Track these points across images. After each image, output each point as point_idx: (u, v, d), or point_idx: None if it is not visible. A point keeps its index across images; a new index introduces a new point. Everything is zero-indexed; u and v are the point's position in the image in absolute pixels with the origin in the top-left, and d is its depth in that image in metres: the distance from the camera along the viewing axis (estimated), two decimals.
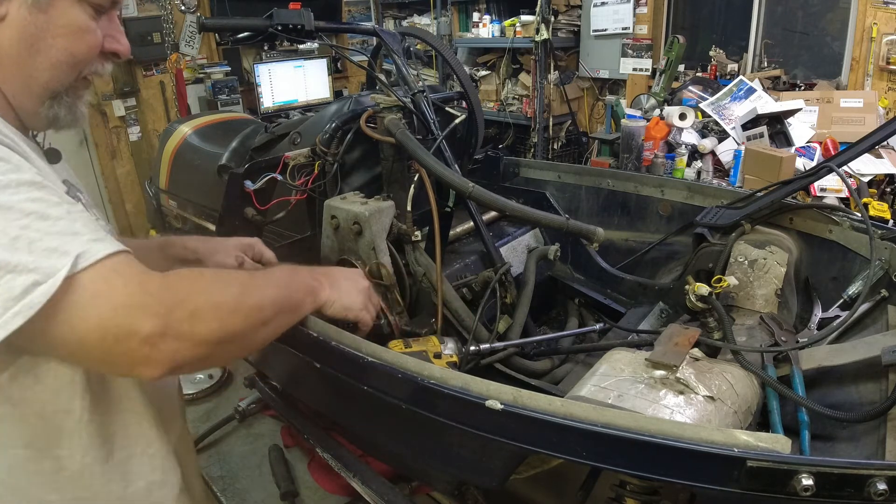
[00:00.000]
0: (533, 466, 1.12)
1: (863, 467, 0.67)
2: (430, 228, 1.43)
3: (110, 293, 0.67)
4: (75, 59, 0.80)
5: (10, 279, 0.62)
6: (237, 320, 0.81)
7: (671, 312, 1.65)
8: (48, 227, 0.65)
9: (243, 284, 0.86)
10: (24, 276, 0.62)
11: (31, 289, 0.62)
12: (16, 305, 0.62)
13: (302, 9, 1.50)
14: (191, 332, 0.73)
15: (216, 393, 1.97)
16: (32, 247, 0.63)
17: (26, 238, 0.63)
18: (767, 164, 2.75)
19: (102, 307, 0.67)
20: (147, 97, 4.66)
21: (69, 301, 0.65)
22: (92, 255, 0.67)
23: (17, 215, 0.64)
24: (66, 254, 0.65)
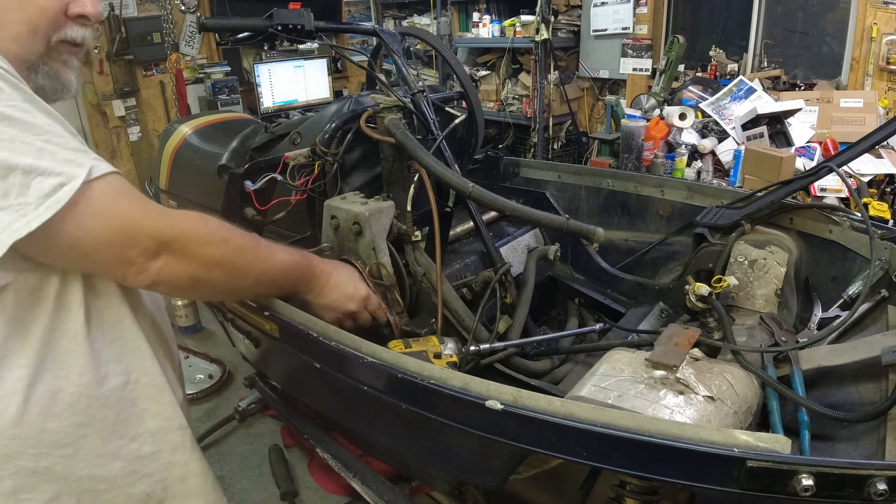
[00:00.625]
0: (533, 466, 1.12)
1: (863, 467, 0.67)
2: (430, 228, 1.43)
3: (120, 207, 0.79)
4: (34, 27, 0.83)
5: (41, 180, 0.71)
6: (217, 273, 0.92)
7: (671, 312, 1.65)
8: (64, 142, 0.75)
9: (240, 247, 0.96)
10: (51, 178, 0.72)
11: (58, 188, 0.72)
12: (47, 200, 0.71)
13: (302, 9, 1.50)
14: (178, 262, 0.85)
15: (216, 393, 1.96)
16: (55, 156, 0.73)
17: (49, 150, 0.73)
18: (767, 164, 2.75)
19: (115, 216, 0.78)
20: (147, 97, 4.66)
21: (87, 205, 0.75)
22: (100, 168, 0.77)
23: (39, 131, 0.73)
24: (81, 165, 0.75)
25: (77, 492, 0.88)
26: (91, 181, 0.75)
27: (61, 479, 0.86)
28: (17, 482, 0.82)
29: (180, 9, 4.73)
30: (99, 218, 0.77)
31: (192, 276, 0.88)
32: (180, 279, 0.87)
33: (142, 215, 0.81)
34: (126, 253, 0.80)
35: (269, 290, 1.14)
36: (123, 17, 4.34)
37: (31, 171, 0.71)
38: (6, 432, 0.80)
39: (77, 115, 4.45)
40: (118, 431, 0.90)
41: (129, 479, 0.92)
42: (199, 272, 0.89)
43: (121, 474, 0.91)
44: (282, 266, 1.08)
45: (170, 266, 0.84)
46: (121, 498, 0.92)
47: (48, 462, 0.84)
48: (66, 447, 0.85)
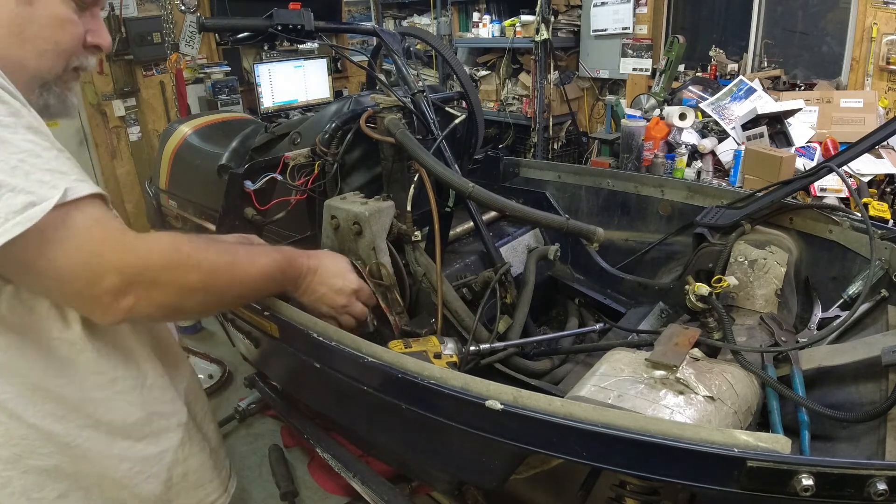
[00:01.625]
0: (533, 466, 1.12)
1: (863, 467, 0.67)
2: (430, 228, 1.43)
3: (88, 239, 0.75)
4: (60, 49, 0.85)
5: (11, 196, 0.69)
6: (193, 299, 0.88)
7: (671, 312, 1.65)
8: (41, 163, 0.73)
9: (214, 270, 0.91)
10: (22, 195, 0.69)
11: (29, 206, 0.69)
12: (16, 217, 0.68)
13: (302, 9, 1.50)
14: (148, 295, 0.81)
15: (216, 393, 1.96)
16: (28, 176, 0.71)
17: (23, 169, 0.71)
18: (767, 164, 2.75)
19: (82, 250, 0.74)
20: (147, 97, 4.66)
21: (54, 233, 0.72)
22: (77, 191, 0.74)
23: (14, 150, 0.71)
24: (55, 187, 0.72)
25: (84, 487, 0.90)
26: (65, 205, 0.72)
27: (69, 477, 0.88)
28: (28, 480, 0.84)
29: (180, 9, 4.72)
30: (63, 250, 0.73)
31: (168, 305, 0.84)
32: (154, 311, 0.83)
33: (110, 248, 0.77)
34: (91, 291, 0.76)
35: (255, 297, 1.13)
36: (123, 17, 4.34)
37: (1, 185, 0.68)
38: (16, 433, 0.82)
39: (77, 115, 4.45)
40: (125, 433, 0.92)
41: (137, 479, 0.94)
42: (174, 301, 0.85)
43: (128, 475, 0.93)
44: (262, 272, 1.03)
45: (140, 301, 0.80)
46: (128, 497, 0.94)
47: (57, 461, 0.86)
48: (75, 448, 0.87)
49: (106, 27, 0.94)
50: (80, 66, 0.91)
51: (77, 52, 0.89)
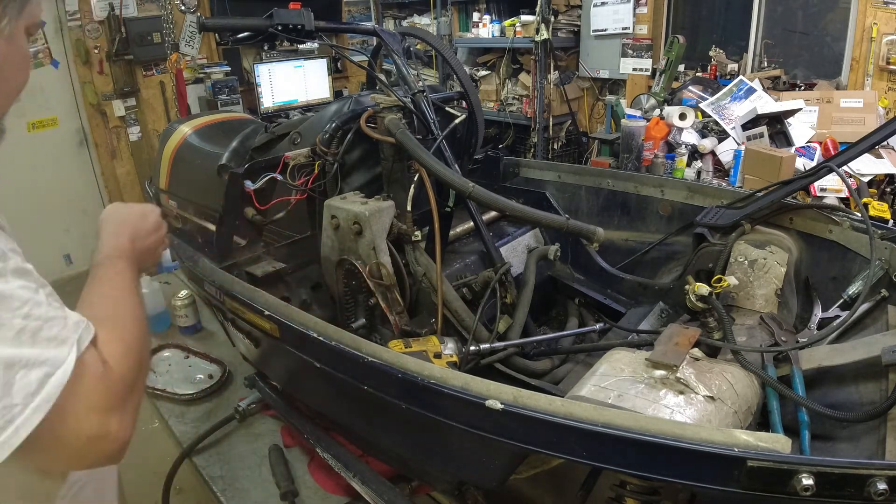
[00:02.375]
0: (533, 466, 1.12)
1: (863, 467, 0.67)
2: (430, 228, 1.43)
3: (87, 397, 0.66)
4: (20, 87, 0.80)
5: (24, 374, 0.61)
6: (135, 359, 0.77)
7: (671, 312, 1.65)
8: (43, 313, 0.65)
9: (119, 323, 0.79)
10: (35, 369, 0.61)
11: (45, 380, 0.62)
12: (35, 399, 0.61)
13: (302, 9, 1.50)
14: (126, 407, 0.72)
15: (216, 393, 1.96)
16: (36, 338, 0.63)
17: (29, 329, 0.63)
18: (767, 164, 2.75)
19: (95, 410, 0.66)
20: (147, 97, 4.66)
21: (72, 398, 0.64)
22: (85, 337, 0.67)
23: (17, 303, 0.63)
24: (65, 341, 0.65)
25: None
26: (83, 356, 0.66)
27: None
28: None
29: (180, 9, 4.73)
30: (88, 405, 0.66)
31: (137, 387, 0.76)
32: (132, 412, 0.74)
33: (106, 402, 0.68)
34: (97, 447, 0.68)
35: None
36: (123, 17, 4.34)
37: (12, 363, 0.60)
38: None
39: (77, 115, 4.46)
40: None
41: None
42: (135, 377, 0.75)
43: None
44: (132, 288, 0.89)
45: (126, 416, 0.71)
46: None
47: None
48: None
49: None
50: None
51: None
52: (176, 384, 1.97)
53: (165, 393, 1.93)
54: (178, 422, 1.83)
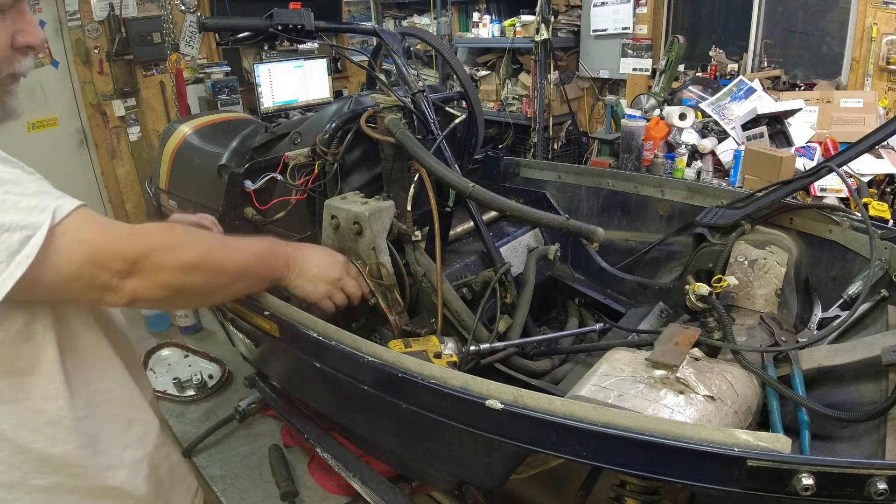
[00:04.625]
0: (533, 466, 1.12)
1: (863, 467, 0.67)
2: (430, 228, 1.43)
3: (88, 238, 0.81)
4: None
5: (7, 236, 0.74)
6: (194, 277, 0.94)
7: (671, 312, 1.65)
8: (24, 189, 0.77)
9: (210, 247, 0.98)
10: (17, 232, 0.74)
11: (25, 241, 0.74)
12: (17, 257, 0.74)
13: (302, 9, 1.50)
14: (151, 278, 0.86)
15: (216, 393, 1.96)
16: (17, 207, 0.75)
17: (10, 201, 0.75)
18: (767, 164, 2.75)
19: (82, 250, 0.80)
20: (147, 97, 4.66)
21: (55, 248, 0.77)
22: (64, 208, 0.79)
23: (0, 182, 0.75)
24: (44, 210, 0.77)
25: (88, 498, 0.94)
26: (56, 226, 0.77)
27: (72, 491, 0.92)
28: (34, 498, 0.88)
29: (180, 9, 4.73)
30: (67, 255, 0.78)
31: (170, 285, 0.90)
32: (159, 292, 0.88)
33: (108, 240, 0.83)
34: (98, 278, 0.82)
35: (252, 283, 1.14)
36: (123, 17, 4.34)
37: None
38: (16, 458, 0.86)
39: (77, 115, 4.46)
40: (114, 442, 0.97)
41: (135, 483, 0.99)
42: (175, 280, 0.90)
43: (126, 480, 0.97)
44: (256, 254, 1.10)
45: (144, 281, 0.86)
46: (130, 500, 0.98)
47: (58, 479, 0.90)
48: (75, 467, 0.91)
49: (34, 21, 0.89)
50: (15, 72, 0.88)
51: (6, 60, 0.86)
52: (176, 385, 1.97)
53: (166, 394, 1.93)
54: (178, 422, 1.83)
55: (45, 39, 0.96)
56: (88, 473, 0.92)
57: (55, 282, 0.79)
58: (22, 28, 0.86)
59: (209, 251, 0.97)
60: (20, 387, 0.85)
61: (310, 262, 1.21)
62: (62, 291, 0.82)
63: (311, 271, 1.20)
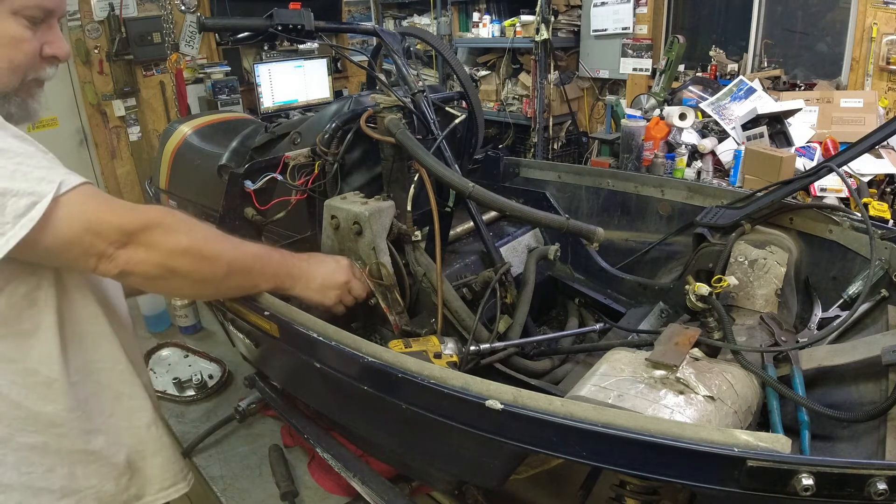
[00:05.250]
0: (533, 466, 1.12)
1: (863, 467, 0.67)
2: (430, 228, 1.43)
3: (88, 209, 0.88)
4: (14, 65, 0.93)
5: (15, 200, 0.81)
6: (186, 261, 0.98)
7: (671, 312, 1.65)
8: (36, 162, 0.85)
9: (206, 236, 1.02)
10: (24, 198, 0.82)
11: (31, 206, 0.82)
12: (22, 219, 0.81)
13: (302, 9, 1.50)
14: (145, 252, 0.92)
15: (216, 393, 1.96)
16: (27, 177, 0.83)
17: (22, 171, 0.83)
18: (767, 164, 2.75)
19: (82, 219, 0.87)
20: (147, 97, 4.67)
21: (57, 216, 0.85)
22: (70, 182, 0.87)
23: (11, 155, 0.83)
24: (51, 181, 0.84)
25: (69, 463, 1.01)
26: (61, 196, 0.84)
27: (55, 453, 1.00)
28: (19, 456, 0.96)
29: (180, 9, 4.73)
30: (68, 222, 0.86)
31: (160, 264, 0.94)
32: (148, 268, 0.94)
33: (108, 212, 0.90)
34: (95, 246, 0.88)
35: (246, 282, 1.15)
36: (123, 17, 4.34)
37: (5, 193, 0.81)
38: (8, 414, 0.93)
39: (77, 115, 4.46)
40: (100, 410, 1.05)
41: (112, 450, 1.07)
42: (166, 260, 0.95)
43: (105, 446, 1.06)
44: (254, 255, 1.13)
45: (137, 254, 0.91)
46: (106, 467, 1.06)
47: (44, 438, 0.97)
48: (59, 427, 0.99)
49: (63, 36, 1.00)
50: (39, 77, 0.98)
51: (33, 66, 0.96)
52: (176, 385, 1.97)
53: (166, 394, 1.93)
54: (178, 422, 1.83)
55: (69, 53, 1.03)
56: (71, 434, 1.00)
57: (54, 245, 0.86)
58: (51, 40, 0.97)
59: (204, 240, 1.01)
60: (20, 348, 0.93)
61: (315, 272, 1.23)
62: (60, 255, 0.89)
63: (317, 280, 1.22)
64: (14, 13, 0.90)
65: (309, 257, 1.28)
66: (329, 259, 1.31)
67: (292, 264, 1.21)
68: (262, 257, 1.15)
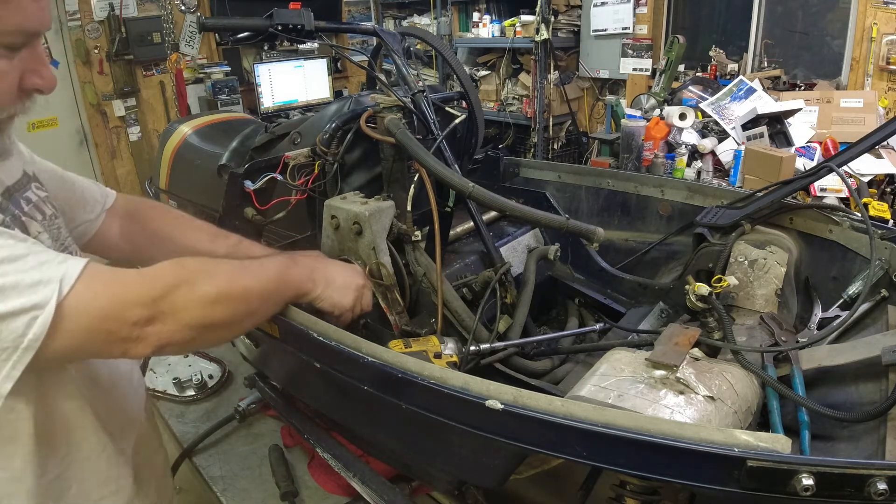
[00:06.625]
0: (533, 466, 1.12)
1: (863, 467, 0.67)
2: (430, 228, 1.43)
3: (98, 296, 0.75)
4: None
5: (11, 321, 0.68)
6: (219, 310, 0.88)
7: (671, 312, 1.65)
8: (23, 265, 0.70)
9: (230, 276, 0.93)
10: (21, 317, 0.69)
11: (31, 323, 0.69)
12: (24, 340, 0.69)
13: (302, 9, 1.50)
14: (174, 319, 0.81)
15: (216, 393, 1.96)
16: (19, 288, 0.69)
17: (10, 282, 0.69)
18: (767, 164, 2.75)
19: (93, 312, 0.75)
20: (147, 97, 4.67)
21: (64, 320, 0.72)
22: (71, 273, 0.73)
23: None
24: (49, 282, 0.71)
25: None
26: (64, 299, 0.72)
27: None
28: None
29: (180, 9, 4.73)
30: (79, 321, 0.73)
31: (196, 323, 0.85)
32: (185, 332, 0.84)
33: (120, 291, 0.78)
34: (118, 333, 0.77)
35: (276, 304, 1.09)
36: (123, 17, 4.34)
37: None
38: None
39: (77, 115, 4.46)
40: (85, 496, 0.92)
41: None
42: (200, 316, 0.86)
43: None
44: (277, 273, 1.06)
45: (167, 325, 0.81)
46: None
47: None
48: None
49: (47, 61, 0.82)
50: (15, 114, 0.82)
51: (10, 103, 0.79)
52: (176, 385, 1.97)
53: (166, 394, 1.93)
54: (178, 422, 1.84)
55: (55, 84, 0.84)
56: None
57: (69, 348, 0.75)
58: (34, 68, 0.79)
59: (228, 281, 0.91)
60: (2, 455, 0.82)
61: (334, 273, 1.18)
62: (79, 354, 0.80)
63: (337, 281, 1.17)
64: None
65: (326, 260, 1.24)
66: (343, 263, 1.28)
67: (312, 268, 1.15)
68: (282, 272, 1.08)
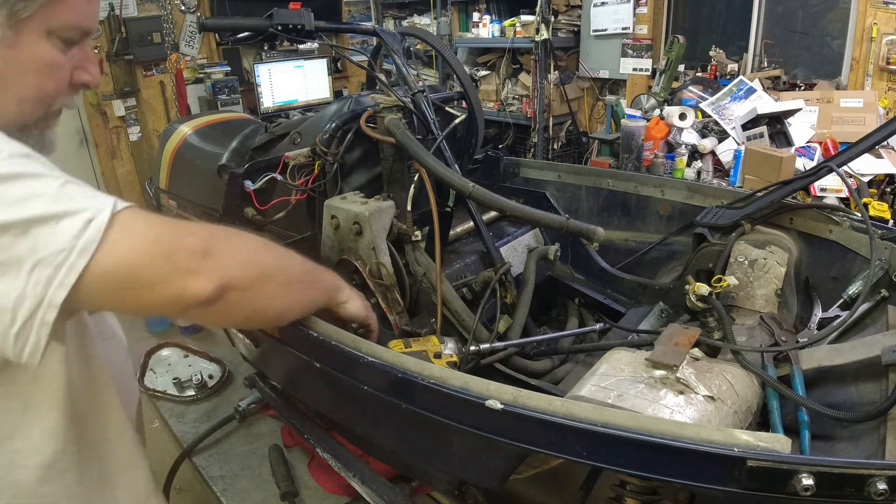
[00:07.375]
0: (533, 466, 1.12)
1: (863, 467, 0.67)
2: (430, 228, 1.43)
3: (148, 221, 0.73)
4: (42, 95, 0.80)
5: (67, 221, 0.66)
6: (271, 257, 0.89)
7: (671, 312, 1.65)
8: (79, 186, 0.71)
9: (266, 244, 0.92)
10: (77, 216, 0.67)
11: (87, 225, 0.67)
12: (79, 242, 0.66)
13: (302, 9, 1.50)
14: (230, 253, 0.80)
15: (216, 393, 1.96)
16: (75, 196, 0.69)
17: (68, 192, 0.69)
18: (767, 164, 2.75)
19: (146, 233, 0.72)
20: (147, 97, 4.67)
21: (118, 234, 0.69)
22: (121, 203, 0.72)
23: (52, 179, 0.69)
24: (104, 197, 0.70)
25: None
26: (118, 213, 0.70)
27: None
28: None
29: (180, 9, 4.73)
30: (134, 238, 0.70)
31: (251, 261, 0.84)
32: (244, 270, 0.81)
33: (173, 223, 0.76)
34: (175, 260, 0.72)
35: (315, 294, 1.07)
36: (123, 17, 4.34)
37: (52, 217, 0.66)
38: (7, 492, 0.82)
39: (77, 115, 4.46)
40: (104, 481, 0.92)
41: None
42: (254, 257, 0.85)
43: None
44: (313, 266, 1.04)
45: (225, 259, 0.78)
46: None
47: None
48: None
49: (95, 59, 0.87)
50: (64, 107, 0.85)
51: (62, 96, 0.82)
52: (176, 385, 1.97)
53: (166, 394, 1.93)
54: (178, 422, 1.83)
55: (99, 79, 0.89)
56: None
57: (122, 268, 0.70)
58: (83, 65, 0.83)
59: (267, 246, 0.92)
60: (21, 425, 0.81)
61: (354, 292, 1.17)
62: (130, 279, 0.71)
63: (355, 290, 1.17)
64: (48, 34, 0.76)
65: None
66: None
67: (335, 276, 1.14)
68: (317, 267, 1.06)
